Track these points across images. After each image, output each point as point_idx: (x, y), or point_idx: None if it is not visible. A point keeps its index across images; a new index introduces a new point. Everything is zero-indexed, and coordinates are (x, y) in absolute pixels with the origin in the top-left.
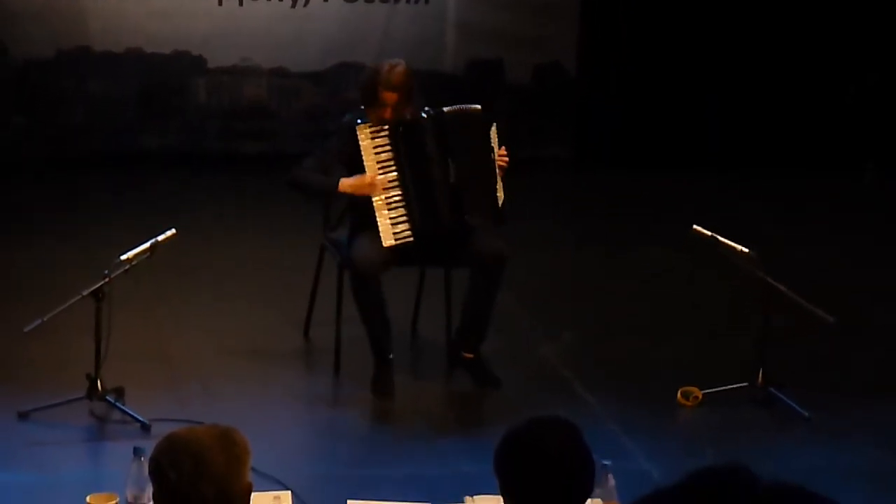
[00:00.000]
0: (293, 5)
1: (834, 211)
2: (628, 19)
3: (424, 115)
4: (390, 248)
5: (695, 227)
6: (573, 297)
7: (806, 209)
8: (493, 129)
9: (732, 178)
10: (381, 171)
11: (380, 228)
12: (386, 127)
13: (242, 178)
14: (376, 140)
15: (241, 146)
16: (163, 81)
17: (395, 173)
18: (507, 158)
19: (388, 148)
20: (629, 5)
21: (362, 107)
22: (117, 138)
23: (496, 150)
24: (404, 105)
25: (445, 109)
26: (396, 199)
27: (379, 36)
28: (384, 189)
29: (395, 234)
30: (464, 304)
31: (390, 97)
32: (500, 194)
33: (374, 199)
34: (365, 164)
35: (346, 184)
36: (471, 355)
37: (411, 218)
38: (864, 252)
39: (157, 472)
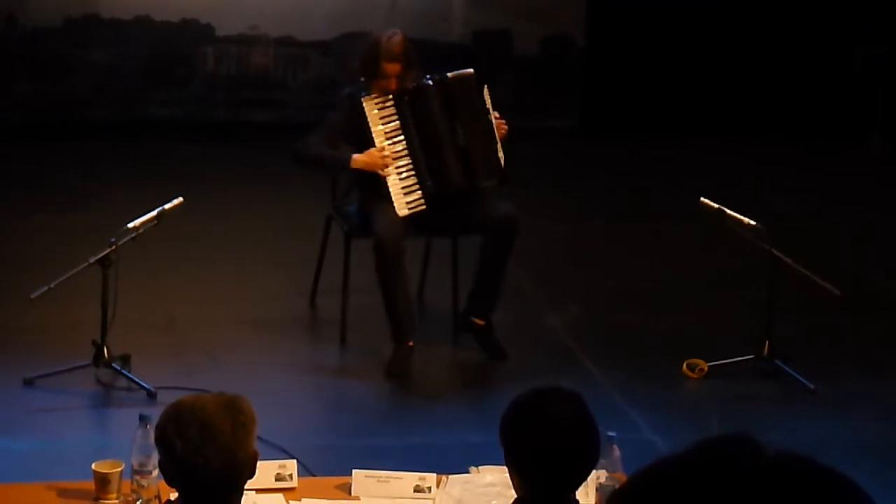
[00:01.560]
0: None
1: (841, 180)
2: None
3: (429, 81)
4: (405, 217)
5: (702, 199)
6: (579, 268)
7: (813, 178)
8: (486, 90)
9: (741, 148)
10: (388, 142)
11: (393, 199)
12: (391, 97)
13: (249, 146)
14: (383, 111)
15: (249, 115)
16: (170, 50)
17: (403, 142)
18: (504, 124)
19: (394, 118)
20: None
21: (362, 79)
22: (125, 106)
23: (492, 111)
24: (406, 73)
25: (449, 75)
26: (406, 168)
27: (386, 5)
28: (394, 159)
29: (408, 203)
30: (476, 269)
31: (392, 68)
32: (501, 154)
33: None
34: (373, 135)
35: (359, 160)
36: (482, 322)
37: (423, 185)
38: (872, 223)
39: (164, 439)
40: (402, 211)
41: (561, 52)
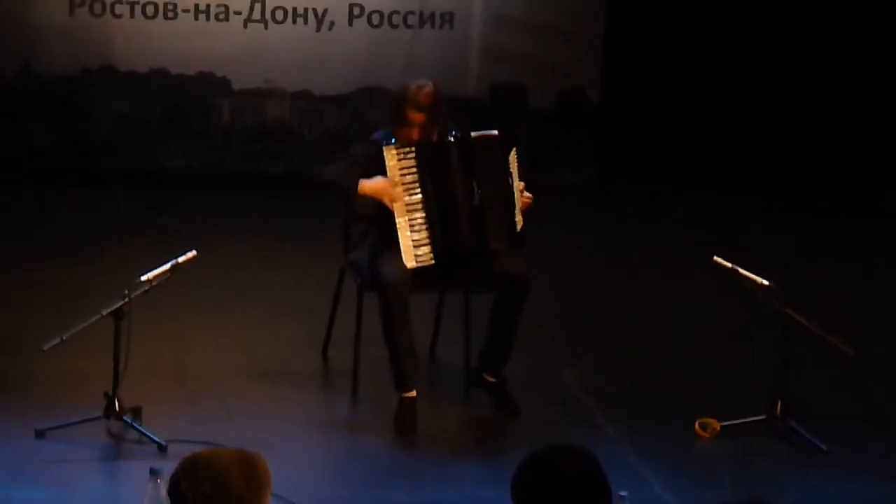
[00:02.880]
0: (318, 29)
1: (857, 234)
2: (652, 47)
3: (451, 138)
4: (412, 269)
5: (715, 258)
6: (593, 322)
7: (828, 232)
8: (514, 152)
9: (755, 201)
10: (406, 193)
11: (402, 249)
12: (413, 149)
13: (264, 198)
14: (403, 162)
15: (264, 167)
16: (187, 101)
17: (419, 195)
18: (530, 196)
19: (413, 170)
20: (654, 33)
21: (390, 126)
22: (141, 157)
23: (515, 173)
24: (431, 125)
25: (473, 134)
26: (420, 221)
27: (403, 60)
28: (408, 211)
29: (416, 255)
30: (488, 325)
31: (417, 117)
32: (519, 218)
33: (396, 219)
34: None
35: (367, 186)
36: (494, 379)
37: (433, 241)
38: (885, 278)
39: (176, 491)
40: (410, 263)
41: (576, 106)
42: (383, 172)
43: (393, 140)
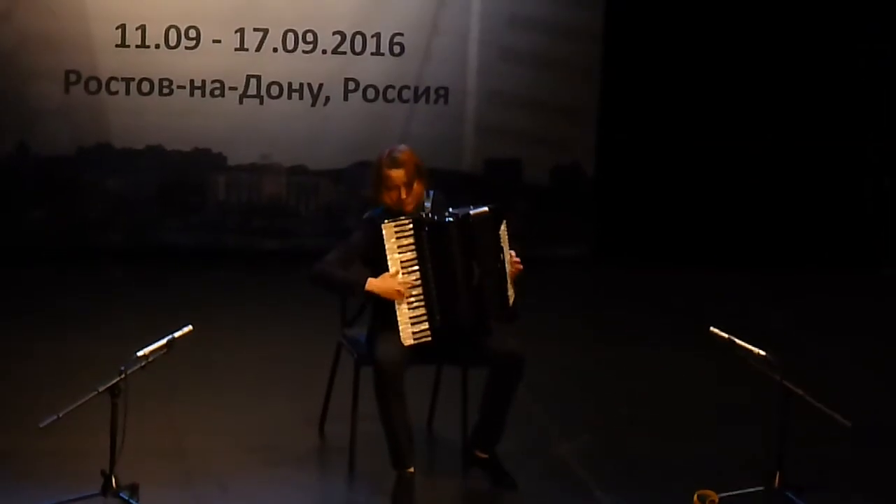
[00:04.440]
0: (313, 103)
1: (853, 307)
2: (647, 121)
3: (451, 218)
4: (410, 346)
5: (712, 328)
6: (591, 396)
7: (825, 306)
8: (504, 225)
9: (751, 276)
10: (403, 271)
11: (399, 326)
12: (411, 227)
13: (261, 274)
14: (401, 240)
15: (260, 243)
16: (183, 178)
17: (417, 273)
18: (520, 264)
19: (412, 247)
20: (648, 108)
21: (378, 197)
22: (137, 233)
23: (506, 247)
24: (414, 184)
25: (471, 212)
26: (418, 298)
27: (398, 135)
28: (406, 288)
29: (413, 333)
30: (481, 403)
31: (397, 174)
32: (511, 292)
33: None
34: (388, 262)
35: (374, 285)
36: (485, 455)
37: (431, 319)
38: (884, 349)
39: None
40: (408, 340)
41: (571, 180)
42: (381, 253)
43: (381, 209)
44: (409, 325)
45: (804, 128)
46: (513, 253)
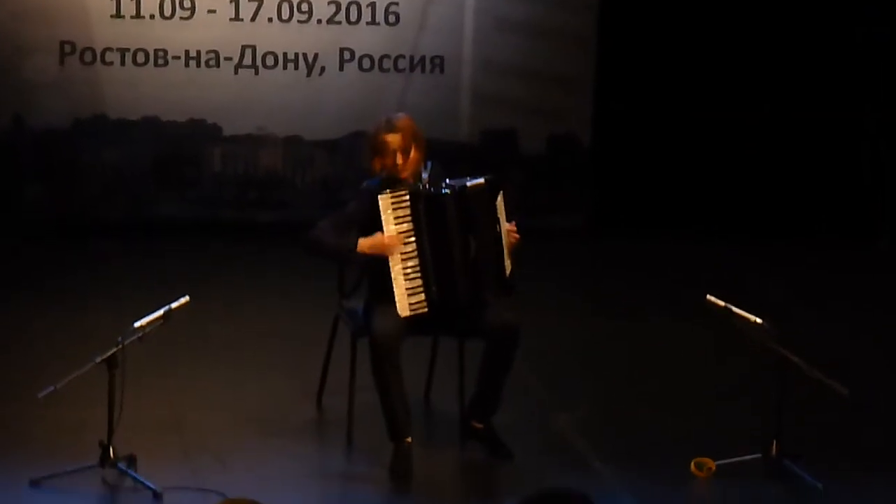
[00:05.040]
0: (308, 74)
1: (849, 279)
2: (643, 91)
3: (447, 189)
4: (406, 318)
5: (708, 297)
6: (587, 367)
7: (821, 277)
8: (500, 197)
9: (748, 247)
10: (401, 241)
11: (396, 298)
12: (407, 197)
13: (257, 246)
14: (397, 210)
15: (256, 215)
16: (178, 150)
17: (413, 244)
18: (517, 235)
19: (408, 218)
20: (644, 77)
21: (372, 164)
22: (133, 206)
23: (503, 219)
24: (410, 151)
25: (468, 184)
26: (413, 269)
27: (394, 105)
28: (402, 259)
29: (410, 304)
30: (478, 375)
31: (392, 139)
32: (508, 263)
33: (391, 268)
34: (384, 232)
35: (365, 244)
36: (481, 426)
37: (427, 289)
38: (880, 321)
39: None
40: (404, 312)
41: (567, 150)
42: (378, 224)
43: (378, 180)
44: (406, 297)
45: (801, 98)
46: (510, 224)
